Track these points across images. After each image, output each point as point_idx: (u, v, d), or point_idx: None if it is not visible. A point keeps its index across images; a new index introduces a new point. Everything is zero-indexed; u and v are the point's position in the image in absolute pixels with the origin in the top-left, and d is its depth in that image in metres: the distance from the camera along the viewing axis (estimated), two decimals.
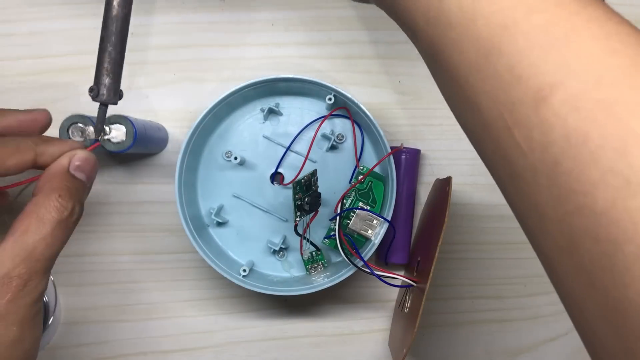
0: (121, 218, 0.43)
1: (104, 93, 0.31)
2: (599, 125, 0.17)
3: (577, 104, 0.17)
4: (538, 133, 0.18)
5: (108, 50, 0.31)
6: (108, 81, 0.31)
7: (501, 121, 0.19)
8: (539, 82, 0.18)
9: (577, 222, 0.17)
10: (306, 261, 0.40)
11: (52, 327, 0.42)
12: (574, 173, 0.17)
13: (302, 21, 0.44)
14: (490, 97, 0.20)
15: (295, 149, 0.41)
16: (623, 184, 0.16)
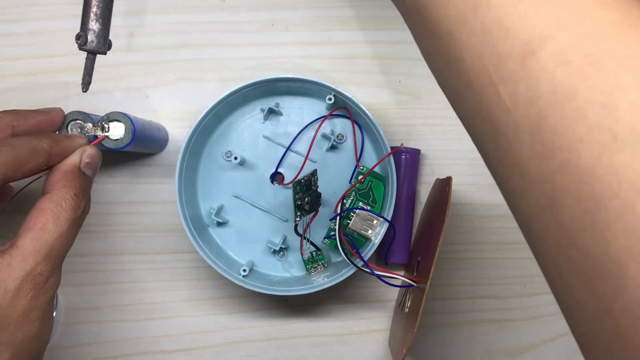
0: (121, 218, 0.43)
1: (92, 40, 0.29)
2: (588, 79, 0.16)
3: (566, 57, 0.17)
4: (524, 88, 0.18)
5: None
6: (97, 27, 0.29)
7: (486, 77, 0.19)
8: (527, 35, 0.18)
9: (560, 179, 0.17)
10: (306, 261, 0.40)
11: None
12: (559, 128, 0.17)
13: (302, 21, 0.44)
14: (476, 51, 0.19)
15: (295, 149, 0.41)
16: (610, 139, 0.15)
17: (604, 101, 0.16)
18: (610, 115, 0.16)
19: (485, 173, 0.25)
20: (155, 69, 0.44)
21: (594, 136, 0.16)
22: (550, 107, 0.17)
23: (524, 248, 0.45)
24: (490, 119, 0.19)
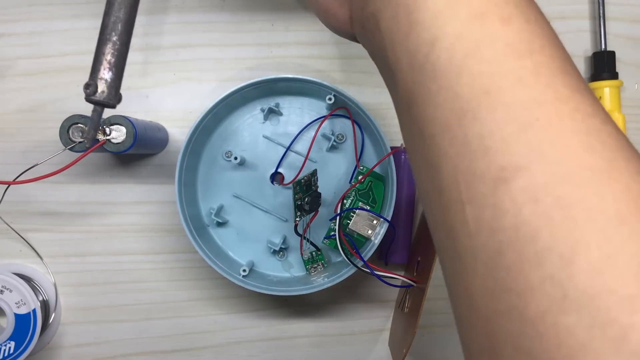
0: (121, 218, 0.43)
1: (104, 91, 0.26)
2: (553, 225, 0.16)
3: (537, 195, 0.16)
4: (490, 216, 0.17)
5: (112, 40, 0.26)
6: (110, 76, 0.26)
7: (456, 192, 0.18)
8: (505, 161, 0.17)
9: (503, 324, 0.16)
10: (306, 261, 0.40)
11: (52, 327, 0.42)
12: (513, 270, 0.16)
13: (302, 21, 0.44)
14: (453, 162, 0.18)
15: (295, 149, 0.41)
16: (559, 296, 0.15)
17: (564, 253, 0.15)
18: (566, 270, 0.15)
19: None
20: (155, 69, 0.43)
21: (545, 288, 0.15)
22: (510, 244, 0.16)
23: None
24: (452, 236, 0.19)
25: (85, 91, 0.26)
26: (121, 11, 0.27)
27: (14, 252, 0.43)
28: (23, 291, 0.40)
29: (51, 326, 0.42)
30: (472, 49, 0.18)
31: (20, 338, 0.39)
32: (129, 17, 0.27)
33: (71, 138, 0.35)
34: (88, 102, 0.26)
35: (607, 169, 0.16)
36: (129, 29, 0.27)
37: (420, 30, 0.19)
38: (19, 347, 0.39)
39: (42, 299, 0.41)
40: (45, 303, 0.42)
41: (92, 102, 0.27)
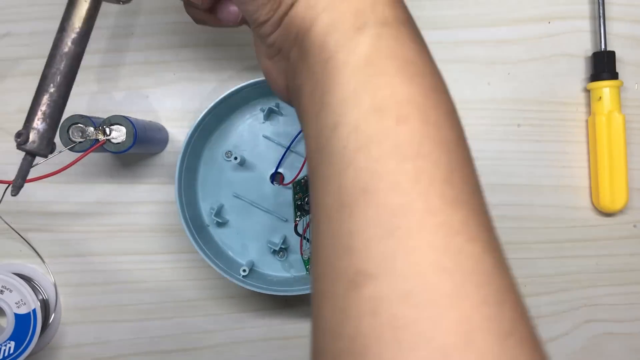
0: (121, 218, 0.43)
1: (35, 140, 0.26)
2: (380, 344, 0.16)
3: (376, 308, 0.16)
4: (337, 320, 0.17)
5: (49, 92, 0.26)
6: (43, 127, 0.26)
7: (322, 285, 0.18)
8: (361, 265, 0.17)
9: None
10: (306, 261, 0.40)
11: (52, 327, 0.42)
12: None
13: None
14: (326, 253, 0.18)
15: (295, 149, 0.41)
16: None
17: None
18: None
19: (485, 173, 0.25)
20: (155, 69, 0.43)
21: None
22: (345, 355, 0.17)
23: (524, 248, 0.45)
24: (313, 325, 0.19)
25: (17, 140, 0.26)
26: (62, 64, 0.27)
27: (14, 252, 0.43)
28: (23, 291, 0.40)
29: (51, 326, 0.42)
30: (363, 144, 0.18)
31: (20, 338, 0.39)
32: (69, 69, 0.27)
33: (71, 138, 0.35)
34: (19, 149, 0.27)
35: (451, 294, 0.16)
36: (69, 81, 0.27)
37: (328, 112, 0.19)
38: (19, 347, 0.39)
39: (42, 298, 0.41)
40: (45, 303, 0.42)
41: (22, 150, 0.27)
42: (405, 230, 0.17)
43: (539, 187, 0.44)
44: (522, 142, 0.44)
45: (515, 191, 0.43)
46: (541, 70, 0.44)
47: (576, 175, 0.44)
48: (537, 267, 0.44)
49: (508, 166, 0.43)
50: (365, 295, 0.17)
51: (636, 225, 0.44)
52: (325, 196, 0.19)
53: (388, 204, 0.17)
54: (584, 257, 0.44)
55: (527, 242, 0.44)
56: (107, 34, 0.44)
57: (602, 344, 0.44)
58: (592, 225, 0.44)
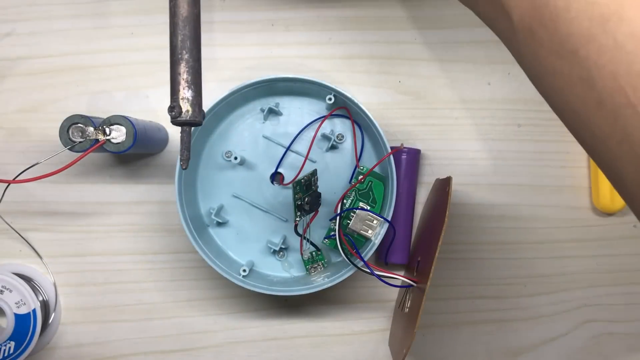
0: (121, 218, 0.43)
1: (188, 109, 0.26)
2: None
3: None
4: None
5: (185, 58, 0.26)
6: (191, 94, 0.26)
7: (622, 97, 0.17)
8: None
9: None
10: (306, 261, 0.40)
11: (52, 327, 0.42)
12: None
13: (302, 21, 0.44)
14: (608, 70, 0.18)
15: (295, 149, 0.41)
16: None
17: None
18: None
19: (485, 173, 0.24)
20: (155, 69, 0.43)
21: None
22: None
23: (524, 248, 0.46)
24: (627, 142, 0.18)
25: (171, 114, 0.26)
26: (186, 28, 0.26)
27: (14, 252, 0.43)
28: (23, 291, 0.40)
29: (51, 326, 0.42)
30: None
31: (20, 338, 0.39)
32: (194, 32, 0.26)
33: (71, 138, 0.35)
34: (175, 124, 0.26)
35: None
36: (198, 44, 0.26)
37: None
38: (18, 347, 0.39)
39: (42, 299, 0.41)
40: (45, 303, 0.42)
41: (179, 123, 0.26)
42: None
43: (539, 187, 0.44)
44: (522, 142, 0.44)
45: (515, 191, 0.43)
46: None
47: (576, 175, 0.44)
48: (537, 267, 0.44)
49: (508, 166, 0.43)
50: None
51: (636, 225, 0.44)
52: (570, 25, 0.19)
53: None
54: (583, 257, 0.44)
55: (527, 242, 0.44)
56: (107, 34, 0.44)
57: (602, 344, 0.44)
58: (592, 225, 0.44)
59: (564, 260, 0.44)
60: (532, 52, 0.21)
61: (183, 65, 0.26)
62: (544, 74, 0.21)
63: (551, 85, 0.21)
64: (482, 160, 0.44)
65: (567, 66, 0.19)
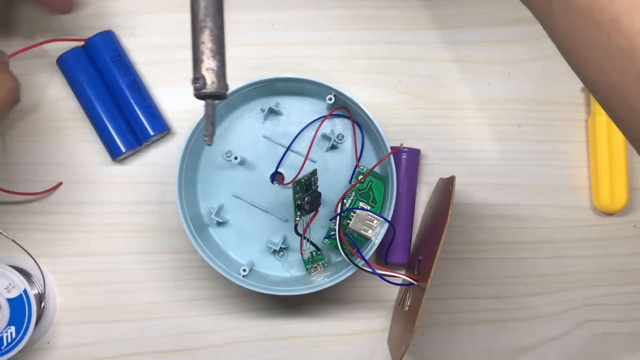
0: (121, 218, 0.43)
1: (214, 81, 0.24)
2: None
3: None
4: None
5: (208, 27, 0.24)
6: (216, 65, 0.25)
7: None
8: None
9: None
10: (306, 261, 0.40)
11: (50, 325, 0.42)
12: None
13: (302, 21, 0.44)
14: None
15: (295, 148, 0.41)
16: None
17: None
18: None
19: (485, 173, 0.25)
20: (155, 69, 0.43)
21: None
22: None
23: (524, 248, 0.46)
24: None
25: (195, 86, 0.24)
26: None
27: (14, 252, 0.43)
28: (9, 275, 0.39)
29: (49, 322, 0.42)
30: None
31: (19, 321, 0.39)
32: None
33: None
34: (199, 98, 0.24)
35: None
36: (221, 10, 0.24)
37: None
38: (19, 331, 0.39)
39: (40, 297, 0.41)
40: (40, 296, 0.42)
41: (204, 96, 0.24)
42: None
43: (539, 187, 0.44)
44: (522, 142, 0.44)
45: (515, 191, 0.43)
46: (541, 70, 0.44)
47: (576, 175, 0.44)
48: (537, 267, 0.44)
49: (508, 166, 0.43)
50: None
51: (636, 225, 0.44)
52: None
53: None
54: (583, 257, 0.44)
55: (527, 242, 0.44)
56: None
57: (602, 344, 0.44)
58: (592, 225, 0.44)
59: (564, 260, 0.44)
60: (568, 22, 0.20)
61: (207, 34, 0.24)
62: (579, 45, 0.20)
63: (586, 57, 0.20)
64: (482, 160, 0.44)
65: (605, 36, 0.18)
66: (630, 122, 0.20)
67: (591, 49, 0.20)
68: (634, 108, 0.19)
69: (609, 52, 0.19)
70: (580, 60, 0.21)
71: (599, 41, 0.19)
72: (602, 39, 0.19)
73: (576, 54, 0.21)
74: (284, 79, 0.39)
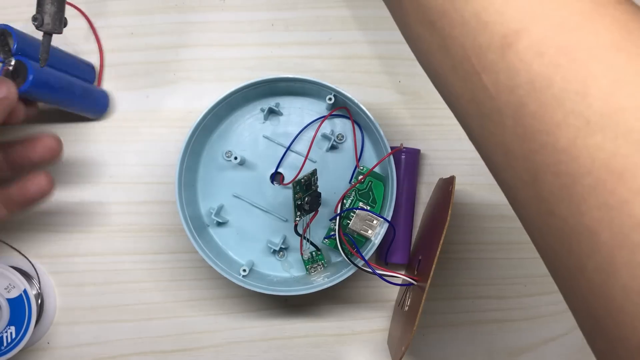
0: (121, 218, 0.43)
1: (49, 22, 0.32)
2: (562, 70, 0.18)
3: (540, 49, 0.18)
4: (504, 77, 0.19)
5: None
6: (52, 9, 0.31)
7: (469, 65, 0.20)
8: (504, 29, 0.19)
9: (539, 158, 0.18)
10: (306, 261, 0.40)
11: (50, 326, 0.42)
12: (538, 114, 0.18)
13: (302, 21, 0.44)
14: (458, 42, 0.20)
15: (295, 149, 0.41)
16: (583, 124, 0.17)
17: (578, 89, 0.17)
18: (584, 102, 0.17)
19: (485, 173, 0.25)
20: (155, 69, 0.44)
21: (570, 121, 0.17)
22: (529, 95, 0.18)
23: (525, 248, 0.45)
24: (475, 102, 0.21)
25: (34, 23, 0.31)
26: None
27: (14, 252, 0.43)
28: (9, 275, 0.39)
29: (48, 322, 0.42)
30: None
31: (19, 321, 0.39)
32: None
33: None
34: (38, 30, 0.32)
35: (593, 8, 0.18)
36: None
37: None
38: (19, 331, 0.39)
39: (39, 297, 0.41)
40: (40, 296, 0.42)
41: (41, 30, 0.32)
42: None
43: None
44: None
45: None
46: None
47: None
48: (537, 267, 0.44)
49: None
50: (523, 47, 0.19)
51: None
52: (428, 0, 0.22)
53: None
54: None
55: (527, 242, 0.43)
56: (107, 34, 0.44)
57: None
58: None
59: None
60: (402, 18, 0.24)
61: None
62: (412, 38, 0.24)
63: (418, 48, 0.24)
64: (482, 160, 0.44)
65: (427, 34, 0.22)
66: (451, 103, 0.24)
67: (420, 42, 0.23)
68: (452, 92, 0.23)
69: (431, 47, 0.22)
70: (414, 50, 0.25)
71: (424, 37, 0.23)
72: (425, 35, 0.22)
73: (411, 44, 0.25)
74: (284, 79, 0.39)
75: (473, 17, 0.20)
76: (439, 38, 0.21)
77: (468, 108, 0.22)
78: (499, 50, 0.19)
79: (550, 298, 0.44)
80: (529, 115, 0.18)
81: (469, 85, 0.21)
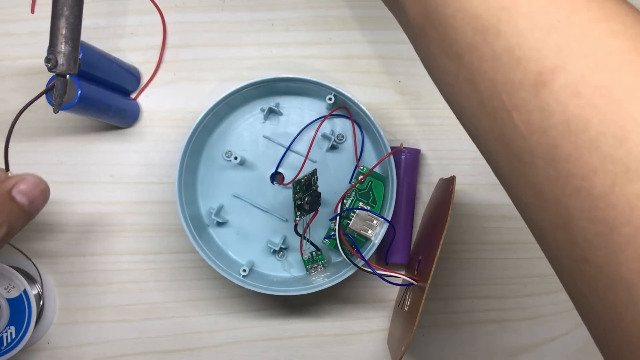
0: (121, 218, 0.43)
1: (62, 63, 0.30)
2: (599, 112, 0.17)
3: (577, 89, 0.17)
4: (537, 117, 0.18)
5: (65, 15, 0.29)
6: (67, 49, 0.30)
7: (499, 102, 0.19)
8: (539, 66, 0.18)
9: (574, 203, 0.17)
10: (306, 261, 0.40)
11: (50, 325, 0.42)
12: (572, 158, 0.17)
13: (302, 21, 0.44)
14: (488, 76, 0.19)
15: (295, 148, 0.41)
16: (622, 170, 0.16)
17: (616, 133, 0.16)
18: (622, 147, 0.16)
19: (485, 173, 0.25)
20: (155, 69, 0.43)
21: (607, 167, 0.16)
22: (564, 137, 0.17)
23: (524, 248, 0.45)
24: (503, 140, 0.20)
25: (47, 65, 0.30)
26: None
27: (14, 251, 0.43)
28: (9, 275, 0.39)
29: (48, 322, 0.42)
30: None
31: (19, 321, 0.39)
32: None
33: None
34: (51, 72, 0.30)
35: (633, 48, 0.17)
36: (80, 1, 0.29)
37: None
38: (19, 331, 0.39)
39: (39, 297, 0.41)
40: (40, 296, 0.42)
41: (54, 72, 0.30)
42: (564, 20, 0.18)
43: None
44: None
45: None
46: None
47: None
48: (537, 267, 0.44)
49: None
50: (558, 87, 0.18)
51: None
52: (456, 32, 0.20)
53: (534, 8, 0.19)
54: None
55: (527, 242, 0.44)
56: (107, 34, 0.44)
57: None
58: None
59: None
60: (425, 48, 0.23)
61: (63, 21, 0.29)
62: (436, 69, 0.23)
63: (442, 80, 0.23)
64: (482, 160, 0.43)
65: (454, 66, 0.21)
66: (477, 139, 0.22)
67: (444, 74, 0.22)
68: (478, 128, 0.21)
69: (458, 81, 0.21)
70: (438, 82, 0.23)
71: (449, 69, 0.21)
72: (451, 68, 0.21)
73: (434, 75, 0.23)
74: (284, 79, 0.39)
75: (505, 52, 0.19)
76: (467, 72, 0.20)
77: (496, 146, 0.21)
78: (532, 88, 0.18)
79: (550, 298, 0.44)
80: (562, 158, 0.17)
81: (498, 122, 0.20)
